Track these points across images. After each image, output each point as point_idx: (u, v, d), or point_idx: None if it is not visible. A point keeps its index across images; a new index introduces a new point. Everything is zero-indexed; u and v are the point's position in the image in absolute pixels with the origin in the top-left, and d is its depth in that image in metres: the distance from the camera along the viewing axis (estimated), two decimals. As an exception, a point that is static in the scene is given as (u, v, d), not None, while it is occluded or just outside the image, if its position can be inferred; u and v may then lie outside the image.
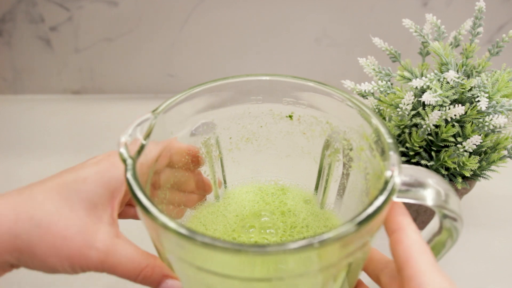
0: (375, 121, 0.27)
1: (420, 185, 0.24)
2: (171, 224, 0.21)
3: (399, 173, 0.23)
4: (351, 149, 0.31)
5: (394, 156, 0.24)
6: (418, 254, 0.22)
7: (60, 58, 0.61)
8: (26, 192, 0.24)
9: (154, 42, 0.60)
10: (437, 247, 0.29)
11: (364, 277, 0.29)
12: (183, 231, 0.21)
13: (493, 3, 0.52)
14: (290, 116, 0.34)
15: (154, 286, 0.26)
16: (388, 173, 0.23)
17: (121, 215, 0.30)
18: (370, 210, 0.22)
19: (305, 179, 0.39)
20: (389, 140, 0.25)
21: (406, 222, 0.24)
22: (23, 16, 0.56)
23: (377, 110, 0.42)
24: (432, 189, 0.24)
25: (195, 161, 0.33)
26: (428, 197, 0.24)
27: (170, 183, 0.32)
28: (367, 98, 0.41)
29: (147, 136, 0.26)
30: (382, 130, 0.26)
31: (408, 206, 0.36)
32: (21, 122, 0.62)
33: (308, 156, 0.37)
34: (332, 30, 0.57)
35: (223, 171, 0.38)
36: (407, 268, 0.22)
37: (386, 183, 0.23)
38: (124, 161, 0.24)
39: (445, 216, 0.26)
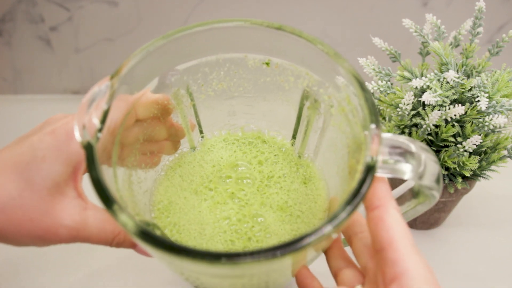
0: (359, 88, 0.25)
1: (400, 157, 0.23)
2: (131, 224, 0.21)
3: (380, 154, 0.23)
4: (332, 106, 0.30)
5: (374, 131, 0.23)
6: (401, 236, 0.22)
7: (60, 58, 0.61)
8: None
9: (154, 42, 0.60)
10: (408, 212, 0.29)
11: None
12: (145, 234, 0.20)
13: (493, 3, 0.52)
14: (267, 63, 0.32)
15: (130, 248, 0.27)
16: (367, 159, 0.22)
17: None
18: (343, 215, 0.21)
19: (283, 125, 0.37)
20: (371, 110, 0.24)
21: (387, 198, 0.23)
22: (23, 16, 0.56)
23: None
24: (409, 164, 0.23)
25: (164, 112, 0.32)
26: (406, 172, 0.23)
27: (141, 136, 0.31)
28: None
29: (110, 99, 0.25)
30: (365, 98, 0.25)
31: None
32: (21, 122, 0.62)
33: (286, 103, 0.35)
34: (332, 30, 0.57)
35: (197, 116, 0.36)
36: (390, 250, 0.22)
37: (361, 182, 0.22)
38: (85, 148, 0.23)
39: (422, 186, 0.25)
